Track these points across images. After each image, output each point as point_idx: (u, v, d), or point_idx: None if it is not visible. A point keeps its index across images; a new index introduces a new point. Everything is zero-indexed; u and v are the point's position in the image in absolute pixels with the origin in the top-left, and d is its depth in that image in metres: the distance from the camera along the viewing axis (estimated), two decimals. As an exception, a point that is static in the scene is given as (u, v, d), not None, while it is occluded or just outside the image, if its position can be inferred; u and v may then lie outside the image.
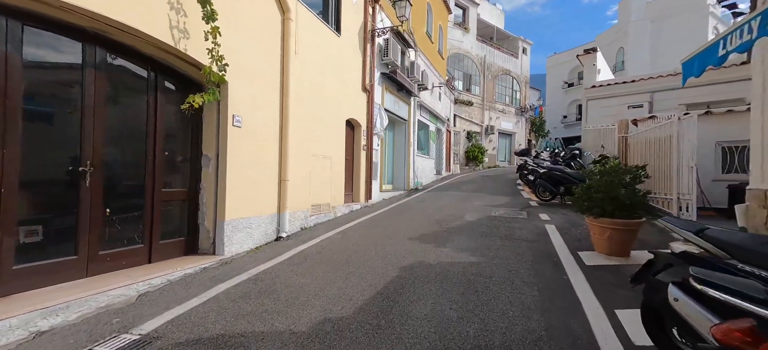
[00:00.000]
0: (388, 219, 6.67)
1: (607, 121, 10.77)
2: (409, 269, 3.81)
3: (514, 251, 4.48)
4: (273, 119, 5.03)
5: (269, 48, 4.94)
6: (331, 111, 6.76)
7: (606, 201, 4.16)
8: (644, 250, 4.43)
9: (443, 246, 4.70)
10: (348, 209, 7.57)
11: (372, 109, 8.64)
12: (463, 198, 9.39)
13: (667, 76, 9.94)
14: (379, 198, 9.30)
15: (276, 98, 5.09)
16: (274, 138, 5.05)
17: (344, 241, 5.05)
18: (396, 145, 11.70)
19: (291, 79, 5.28)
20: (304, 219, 5.87)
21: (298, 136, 5.61)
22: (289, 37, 5.23)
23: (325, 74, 6.50)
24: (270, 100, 4.96)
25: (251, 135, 4.57)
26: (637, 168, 4.24)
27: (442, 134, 16.71)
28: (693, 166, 5.87)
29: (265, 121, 4.84)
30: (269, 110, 4.94)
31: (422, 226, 5.98)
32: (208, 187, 4.21)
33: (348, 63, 7.52)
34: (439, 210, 7.61)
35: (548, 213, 7.01)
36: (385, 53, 9.18)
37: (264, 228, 4.86)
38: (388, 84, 9.82)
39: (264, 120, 4.82)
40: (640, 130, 7.96)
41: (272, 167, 5.02)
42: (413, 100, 12.10)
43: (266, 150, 4.88)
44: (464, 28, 21.41)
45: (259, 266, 3.94)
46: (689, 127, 6.00)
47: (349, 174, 8.05)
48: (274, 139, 5.05)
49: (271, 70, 4.99)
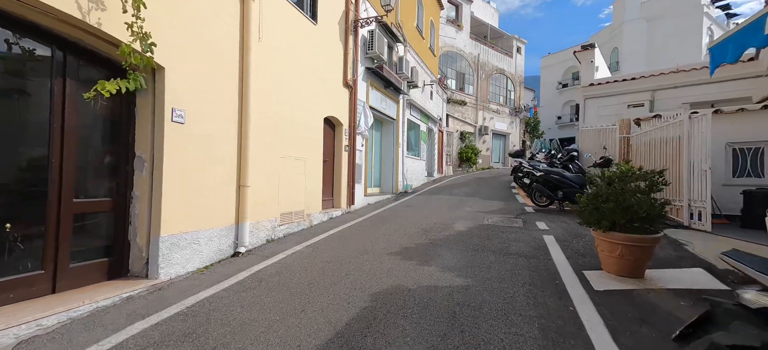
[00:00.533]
0: (370, 229, 5.97)
1: (606, 120, 10.22)
2: (382, 297, 3.11)
3: (509, 270, 3.82)
4: (229, 115, 4.30)
5: (224, 31, 4.22)
6: (305, 107, 6.04)
7: (617, 213, 3.51)
8: (662, 269, 3.80)
9: (427, 264, 4.02)
10: (327, 216, 6.86)
11: (355, 106, 7.94)
12: (454, 203, 8.74)
13: (669, 74, 9.40)
14: (363, 203, 8.60)
15: (233, 91, 4.37)
16: (230, 137, 4.32)
17: (313, 257, 4.34)
18: (384, 146, 11.02)
19: (253, 69, 4.57)
20: (271, 230, 5.14)
21: (263, 135, 4.89)
22: (249, 20, 4.51)
23: (298, 66, 5.79)
24: (225, 93, 4.23)
25: (199, 133, 3.84)
26: (654, 173, 3.60)
27: (434, 134, 16.07)
28: (707, 170, 5.27)
29: (218, 116, 4.11)
30: (224, 104, 4.22)
31: (406, 237, 5.29)
32: (143, 196, 3.48)
33: (327, 55, 6.82)
34: (426, 217, 6.93)
35: (546, 221, 6.37)
36: (369, 46, 8.49)
37: (217, 242, 4.13)
38: (374, 80, 9.13)
39: (217, 115, 4.10)
40: (644, 131, 7.38)
41: (228, 171, 4.29)
42: (402, 97, 11.42)
43: (220, 151, 4.16)
44: (457, 25, 20.81)
45: (199, 293, 3.21)
46: (702, 126, 5.41)
47: (329, 177, 7.35)
48: (230, 138, 4.32)
49: (227, 58, 4.26)
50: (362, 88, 8.45)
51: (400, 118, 11.23)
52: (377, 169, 10.72)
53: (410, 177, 12.43)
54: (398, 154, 11.12)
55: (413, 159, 13.00)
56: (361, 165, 8.55)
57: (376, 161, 10.65)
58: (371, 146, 10.13)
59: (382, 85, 9.71)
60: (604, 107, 10.71)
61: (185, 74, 3.65)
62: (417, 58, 12.79)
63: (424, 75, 13.95)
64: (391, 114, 10.62)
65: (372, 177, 10.26)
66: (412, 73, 11.50)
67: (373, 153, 10.32)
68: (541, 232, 5.57)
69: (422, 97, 13.80)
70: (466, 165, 20.51)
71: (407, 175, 12.02)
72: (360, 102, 8.28)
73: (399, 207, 8.26)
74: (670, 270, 3.82)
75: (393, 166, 10.95)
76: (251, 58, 4.52)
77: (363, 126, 8.28)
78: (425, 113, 14.06)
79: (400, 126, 11.36)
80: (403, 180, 11.58)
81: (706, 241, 4.81)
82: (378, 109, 9.56)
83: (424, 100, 14.00)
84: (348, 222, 6.62)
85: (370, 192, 9.71)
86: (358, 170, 8.33)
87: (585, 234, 5.36)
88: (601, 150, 8.85)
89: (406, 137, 11.96)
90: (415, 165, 13.23)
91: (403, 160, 11.67)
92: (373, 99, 9.19)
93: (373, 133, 10.37)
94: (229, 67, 4.29)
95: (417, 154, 13.69)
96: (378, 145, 10.79)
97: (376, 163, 10.65)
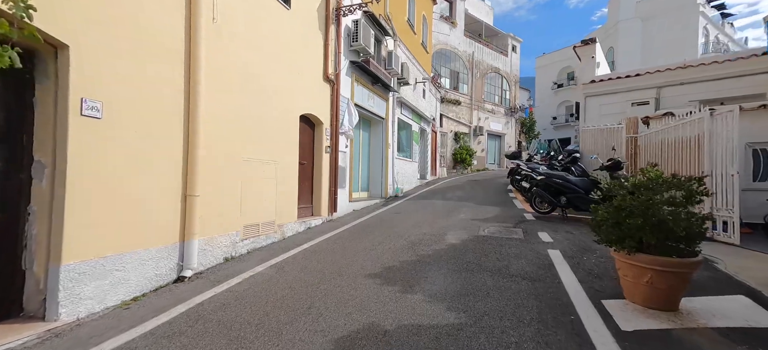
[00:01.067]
0: (350, 241, 5.23)
1: (608, 119, 9.59)
2: (348, 344, 2.37)
3: (511, 300, 3.09)
4: (170, 110, 3.53)
5: (162, 6, 3.45)
6: (277, 103, 5.29)
7: (646, 230, 2.81)
8: (696, 297, 3.11)
9: (411, 291, 3.28)
10: (303, 226, 6.09)
11: (338, 103, 7.19)
12: (447, 209, 8.02)
13: (676, 69, 8.79)
14: (347, 209, 7.85)
15: (177, 80, 3.60)
16: (172, 136, 3.55)
17: (274, 282, 3.58)
18: (372, 147, 10.28)
19: (204, 55, 3.80)
20: (230, 247, 4.37)
21: (220, 134, 4.13)
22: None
23: (267, 56, 5.04)
24: (164, 83, 3.46)
25: (124, 131, 3.07)
26: (692, 180, 2.91)
27: (427, 135, 15.37)
28: (734, 174, 4.61)
29: (153, 111, 3.34)
30: (163, 97, 3.45)
31: (390, 253, 4.55)
32: (42, 212, 2.70)
33: (303, 45, 6.07)
34: (416, 226, 6.20)
35: (549, 231, 5.67)
36: (354, 38, 7.75)
37: (152, 266, 3.35)
38: (360, 75, 8.39)
39: (151, 110, 3.32)
40: (654, 130, 6.73)
41: (169, 178, 3.52)
42: (392, 95, 10.70)
43: (157, 153, 3.39)
44: (451, 22, 20.17)
45: (104, 343, 2.44)
46: (727, 124, 4.75)
47: (307, 182, 6.59)
48: (172, 138, 3.55)
49: (166, 40, 3.49)
50: (346, 83, 7.71)
51: (389, 117, 10.50)
52: (365, 171, 9.98)
53: (401, 180, 11.70)
54: (388, 155, 10.39)
55: (404, 161, 12.28)
56: (346, 168, 7.81)
57: (364, 163, 9.91)
58: (358, 147, 9.39)
59: (369, 81, 8.97)
60: (606, 105, 10.08)
61: (101, 56, 2.88)
62: (408, 54, 12.09)
63: (416, 72, 13.25)
64: (380, 113, 9.88)
65: (359, 180, 9.52)
66: (403, 69, 10.79)
67: (360, 155, 9.58)
68: (544, 245, 4.87)
69: (414, 96, 13.09)
70: (461, 166, 19.85)
71: (398, 178, 11.29)
72: (343, 99, 7.54)
73: (387, 214, 7.53)
74: (707, 299, 3.12)
75: (382, 169, 10.21)
76: (202, 42, 3.76)
77: (347, 125, 7.54)
78: (417, 112, 13.35)
79: (390, 125, 10.63)
80: (394, 184, 10.85)
81: (739, 258, 4.14)
82: (365, 107, 8.82)
83: (416, 99, 13.30)
84: (327, 232, 5.86)
85: (357, 198, 8.97)
86: (342, 173, 7.58)
87: (596, 248, 4.67)
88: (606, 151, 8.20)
89: (396, 137, 11.24)
90: (407, 167, 12.51)
91: (394, 162, 10.95)
92: (359, 96, 8.46)
93: (360, 133, 9.64)
94: (170, 51, 3.52)
95: (408, 156, 12.97)
96: (366, 146, 10.05)
97: (364, 166, 9.91)
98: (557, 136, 31.01)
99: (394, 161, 11.03)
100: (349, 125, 7.63)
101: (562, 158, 9.21)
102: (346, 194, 7.85)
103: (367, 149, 10.13)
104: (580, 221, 6.64)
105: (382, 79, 9.13)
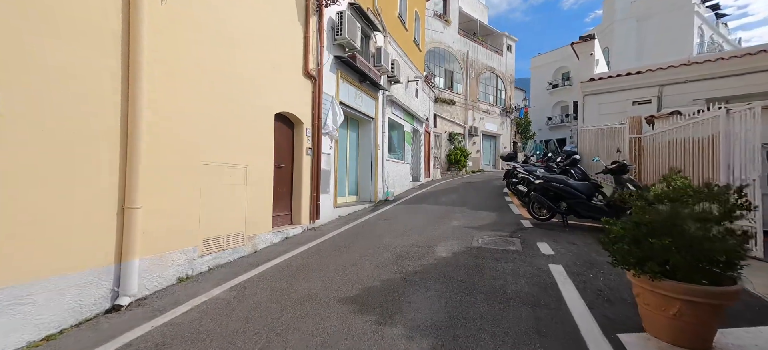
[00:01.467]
0: (329, 255, 4.67)
1: (608, 119, 9.14)
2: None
3: (509, 333, 2.56)
4: (100, 102, 2.95)
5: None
6: (247, 100, 4.72)
7: (675, 252, 2.29)
8: (729, 329, 2.60)
9: (391, 322, 2.73)
10: (279, 236, 5.52)
11: (320, 101, 6.63)
12: (439, 214, 7.49)
13: (680, 66, 8.36)
14: (332, 216, 7.29)
15: (113, 68, 3.02)
16: (103, 136, 2.97)
17: (228, 312, 3.01)
18: (361, 148, 9.73)
19: (146, 38, 3.23)
20: (187, 264, 3.79)
21: (172, 134, 3.55)
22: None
23: (234, 46, 4.47)
24: (91, 71, 2.88)
25: (32, 127, 2.49)
26: (727, 190, 2.39)
27: (420, 135, 14.85)
28: (755, 179, 4.13)
29: (72, 104, 2.76)
30: (87, 86, 2.86)
31: (372, 269, 4.00)
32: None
33: (279, 37, 5.50)
34: (404, 235, 5.66)
35: (549, 241, 5.16)
36: (338, 31, 7.20)
37: (75, 296, 2.76)
38: (345, 71, 7.83)
39: (72, 103, 2.74)
40: (660, 130, 6.26)
41: (100, 186, 2.94)
42: (382, 94, 10.16)
43: (81, 156, 2.80)
44: (445, 20, 19.70)
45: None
46: (746, 124, 4.27)
47: (285, 187, 6.02)
48: (104, 137, 2.97)
49: (93, 17, 2.91)
50: (330, 80, 7.16)
51: (379, 116, 9.95)
52: (353, 174, 9.42)
53: (392, 182, 11.16)
54: (377, 157, 9.84)
55: (396, 162, 11.74)
56: (330, 171, 7.25)
57: (352, 166, 9.35)
58: (344, 149, 8.84)
59: (357, 79, 8.42)
60: (605, 104, 9.63)
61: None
62: (399, 51, 11.56)
63: (408, 70, 12.73)
64: (369, 112, 9.34)
65: (346, 184, 8.96)
66: (394, 66, 10.25)
67: (347, 157, 9.03)
68: (545, 259, 4.35)
69: (406, 95, 12.57)
70: (455, 168, 19.36)
71: (389, 181, 10.75)
72: (327, 96, 6.98)
73: (374, 221, 6.98)
74: (742, 330, 2.62)
75: (371, 172, 9.66)
76: (144, 23, 3.18)
77: (331, 125, 6.98)
78: (409, 112, 12.82)
79: (380, 126, 10.09)
80: (384, 187, 10.30)
81: (767, 274, 3.65)
82: (352, 105, 8.27)
83: (408, 98, 12.77)
84: (306, 243, 5.30)
85: (344, 202, 8.41)
86: (325, 177, 7.02)
87: (603, 263, 4.16)
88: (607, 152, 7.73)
89: (387, 138, 10.70)
90: (399, 169, 11.98)
91: (384, 164, 10.40)
92: (345, 94, 7.90)
93: (348, 133, 9.09)
94: (100, 31, 2.94)
95: (400, 157, 12.44)
96: (354, 148, 9.49)
97: (352, 169, 9.35)
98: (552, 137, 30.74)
99: (385, 163, 10.49)
100: (334, 125, 7.07)
101: (561, 160, 8.74)
102: (330, 199, 7.28)
103: (356, 151, 9.57)
104: (582, 229, 6.15)
105: (371, 76, 8.58)
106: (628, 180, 5.26)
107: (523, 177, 8.28)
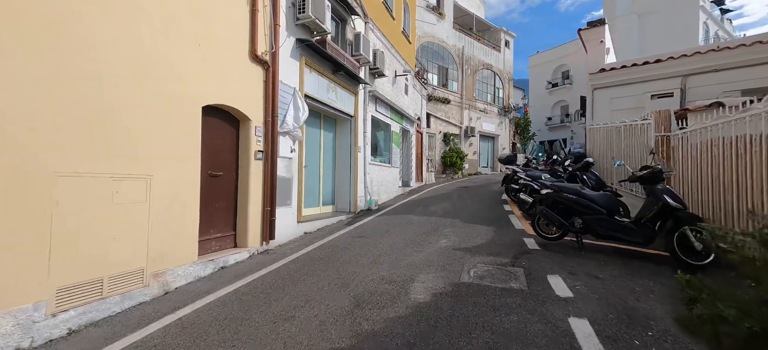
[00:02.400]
0: (265, 299, 3.38)
1: (621, 115, 7.92)
2: None
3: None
4: None
5: None
6: (151, 86, 3.45)
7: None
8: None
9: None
10: (210, 268, 4.23)
11: (275, 92, 5.36)
12: (426, 229, 6.22)
13: (708, 52, 7.14)
14: (295, 233, 6.01)
15: None
16: None
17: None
18: (339, 151, 8.45)
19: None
20: (19, 334, 2.49)
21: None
22: None
23: (125, 8, 3.19)
24: None
25: None
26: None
27: (411, 136, 13.58)
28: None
29: None
30: None
31: (316, 326, 2.72)
32: None
33: (213, 7, 4.24)
34: (373, 263, 4.38)
35: (564, 274, 3.88)
36: (301, 8, 5.93)
37: None
38: (313, 59, 6.57)
39: None
40: (696, 126, 5.01)
41: None
42: (363, 88, 8.89)
43: None
44: (439, 13, 18.48)
45: None
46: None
47: (224, 201, 4.73)
48: None
49: None
50: (291, 67, 5.89)
51: (359, 114, 8.68)
52: (329, 181, 8.14)
53: (377, 189, 9.88)
54: (358, 160, 8.56)
55: (381, 166, 10.46)
56: (291, 178, 5.97)
57: (327, 172, 8.07)
58: (318, 151, 7.57)
59: (330, 69, 7.16)
60: (618, 99, 8.40)
61: None
62: (384, 41, 10.30)
63: (396, 64, 11.48)
64: (346, 109, 8.07)
65: (319, 193, 7.68)
66: (377, 57, 9.00)
67: (321, 161, 7.76)
68: (562, 307, 3.07)
69: (394, 91, 11.31)
70: (451, 170, 18.11)
71: (372, 188, 9.47)
72: (287, 87, 5.71)
73: (345, 240, 5.70)
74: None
75: (350, 177, 8.38)
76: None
77: (291, 122, 5.71)
78: (398, 110, 11.55)
79: (361, 125, 8.81)
80: (366, 195, 9.02)
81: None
82: (323, 100, 7.00)
83: (396, 95, 11.52)
84: (245, 276, 4.02)
85: (314, 215, 7.13)
86: (285, 187, 5.74)
87: (645, 314, 2.89)
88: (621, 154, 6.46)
89: (369, 139, 9.42)
90: (385, 174, 10.70)
91: (366, 168, 9.12)
92: (313, 85, 6.64)
93: (322, 133, 7.82)
94: None
95: (387, 161, 11.16)
96: (330, 150, 8.22)
97: (327, 174, 8.08)
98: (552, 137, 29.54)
99: (367, 167, 9.21)
100: (295, 123, 5.79)
101: (569, 164, 7.48)
102: (292, 213, 6.00)
103: (332, 154, 8.30)
104: (602, 252, 4.88)
105: (346, 66, 7.31)
106: (665, 191, 4.01)
107: (525, 184, 7.03)
